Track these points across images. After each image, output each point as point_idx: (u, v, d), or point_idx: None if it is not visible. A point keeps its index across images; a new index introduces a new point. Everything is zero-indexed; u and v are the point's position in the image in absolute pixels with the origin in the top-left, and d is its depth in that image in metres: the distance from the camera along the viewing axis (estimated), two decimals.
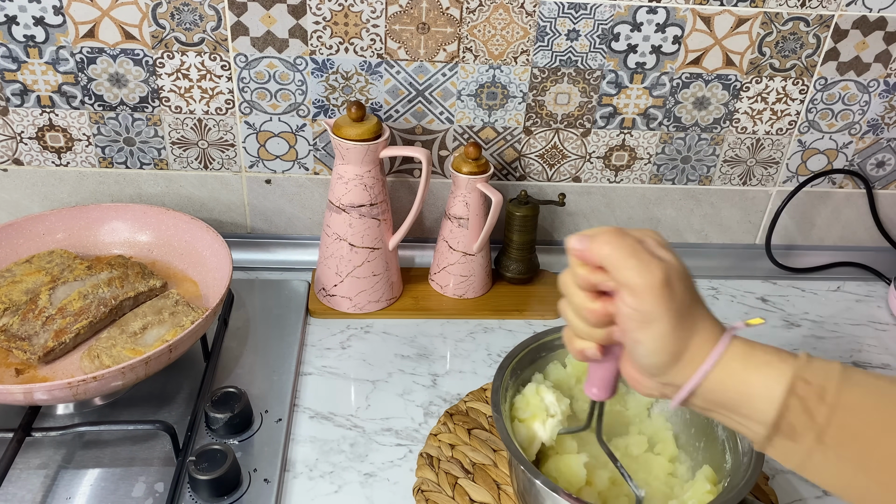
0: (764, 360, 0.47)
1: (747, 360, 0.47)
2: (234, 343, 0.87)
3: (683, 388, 0.49)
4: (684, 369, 0.48)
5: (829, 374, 0.46)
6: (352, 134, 0.85)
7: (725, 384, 0.48)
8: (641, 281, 0.46)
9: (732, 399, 0.48)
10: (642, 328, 0.47)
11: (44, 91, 0.91)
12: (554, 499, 0.60)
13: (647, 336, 0.48)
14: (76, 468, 0.71)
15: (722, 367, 0.48)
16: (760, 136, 1.01)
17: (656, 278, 0.46)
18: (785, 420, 0.46)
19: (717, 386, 0.48)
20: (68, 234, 0.91)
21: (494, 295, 1.00)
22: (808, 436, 0.45)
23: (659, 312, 0.47)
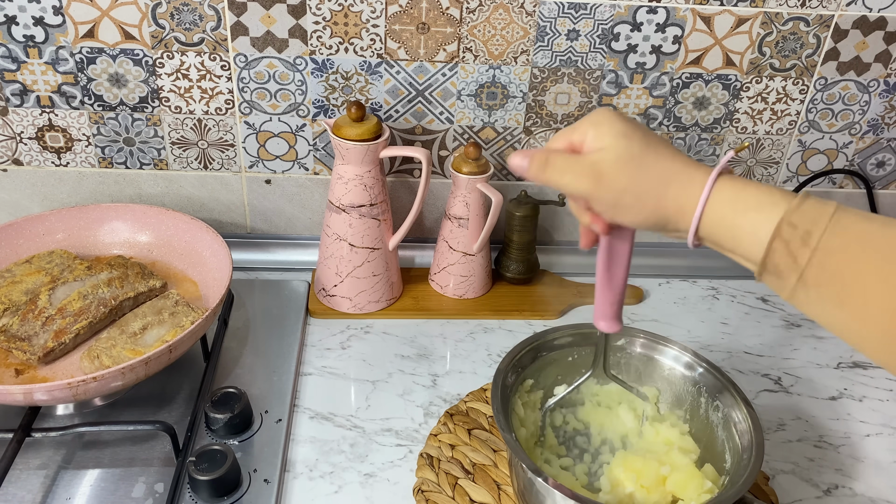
0: (753, 204, 0.49)
1: (735, 203, 0.49)
2: (234, 343, 0.87)
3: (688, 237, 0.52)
4: (681, 219, 0.51)
5: (819, 218, 0.47)
6: (352, 134, 0.85)
7: (718, 227, 0.50)
8: (580, 187, 0.51)
9: (727, 240, 0.50)
10: (615, 214, 0.52)
11: (43, 91, 0.91)
12: (554, 497, 0.60)
13: (622, 217, 0.52)
14: (76, 469, 0.71)
15: (711, 210, 0.50)
16: (761, 136, 1.01)
17: (589, 178, 0.51)
18: (770, 261, 0.48)
19: (712, 229, 0.50)
20: (68, 234, 0.91)
21: (494, 295, 1.00)
22: (791, 275, 0.48)
23: (615, 198, 0.51)
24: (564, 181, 0.52)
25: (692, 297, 1.02)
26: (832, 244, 0.46)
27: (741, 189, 0.50)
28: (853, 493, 0.76)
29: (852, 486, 0.76)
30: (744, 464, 0.63)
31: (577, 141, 0.54)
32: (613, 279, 0.60)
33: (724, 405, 0.69)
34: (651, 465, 0.66)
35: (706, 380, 0.71)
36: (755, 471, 0.61)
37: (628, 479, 0.65)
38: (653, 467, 0.66)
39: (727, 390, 0.69)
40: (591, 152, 0.52)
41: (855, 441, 0.81)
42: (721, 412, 0.69)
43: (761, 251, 0.48)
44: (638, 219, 0.52)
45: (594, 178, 0.51)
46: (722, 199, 0.50)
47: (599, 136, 0.52)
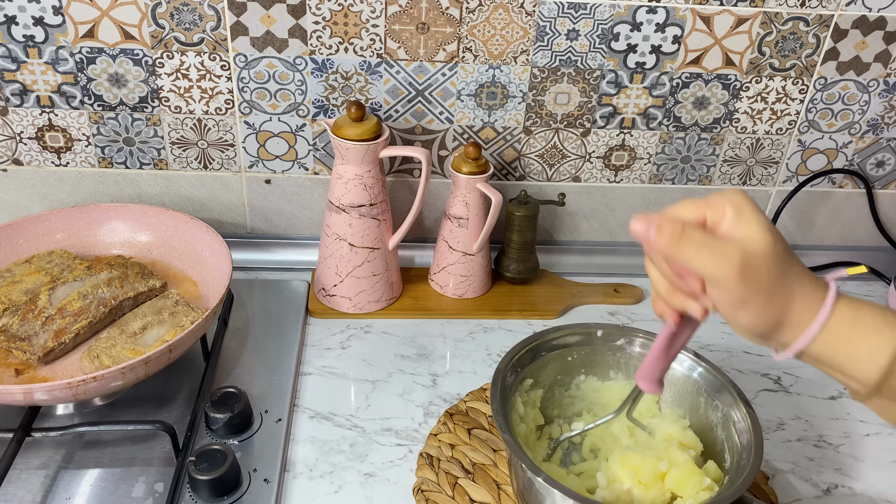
0: (871, 324, 0.48)
1: (854, 322, 0.48)
2: (233, 343, 0.87)
3: (790, 350, 0.49)
4: (790, 332, 0.49)
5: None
6: (351, 134, 0.85)
7: (831, 346, 0.48)
8: (719, 274, 0.46)
9: (837, 360, 0.48)
10: (735, 310, 0.48)
11: (43, 91, 0.91)
12: (554, 497, 0.60)
13: (742, 316, 0.48)
14: (76, 468, 0.71)
15: (828, 330, 0.48)
16: (760, 135, 1.01)
17: (734, 269, 0.46)
18: (887, 385, 0.47)
19: (823, 348, 0.48)
20: (68, 234, 0.91)
21: (494, 295, 1.00)
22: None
23: (748, 295, 0.47)
24: (702, 261, 0.47)
25: None
26: None
27: (858, 309, 0.48)
28: (853, 492, 0.76)
29: (852, 486, 0.76)
30: (743, 463, 0.63)
31: (711, 219, 0.49)
32: (671, 352, 0.59)
33: (723, 405, 0.69)
34: (649, 461, 0.66)
35: (706, 379, 0.71)
36: (754, 471, 0.61)
37: (626, 476, 0.65)
38: (651, 463, 0.66)
39: (726, 390, 0.69)
40: (736, 239, 0.47)
41: (855, 441, 0.81)
42: (720, 412, 0.69)
43: (877, 373, 0.47)
44: (754, 321, 0.48)
45: (738, 267, 0.46)
46: (840, 317, 0.48)
47: (743, 223, 0.48)
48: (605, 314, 0.99)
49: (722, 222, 0.48)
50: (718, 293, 0.48)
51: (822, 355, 0.49)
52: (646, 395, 0.74)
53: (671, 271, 0.51)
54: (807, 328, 0.48)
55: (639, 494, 0.65)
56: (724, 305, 0.48)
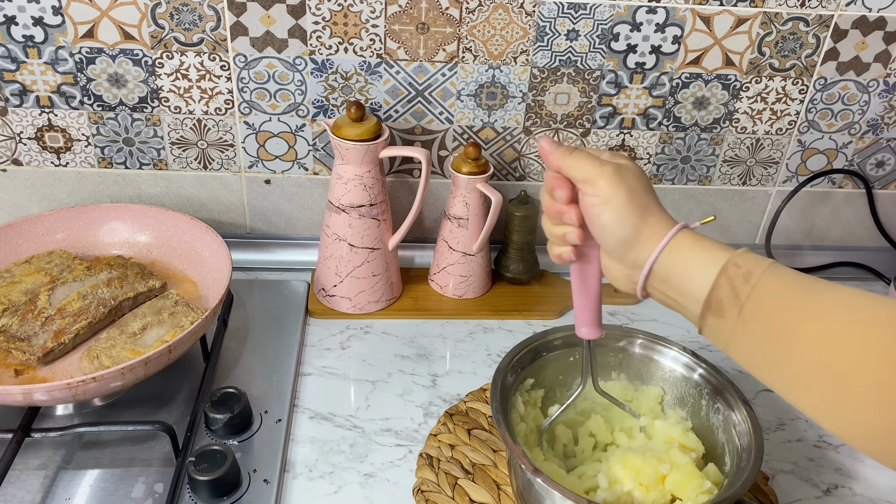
0: (708, 246, 0.54)
1: (695, 243, 0.55)
2: (233, 343, 0.87)
3: (646, 262, 0.56)
4: (645, 245, 0.56)
5: (759, 262, 0.52)
6: (351, 134, 0.85)
7: (674, 262, 0.55)
8: (595, 172, 0.56)
9: (678, 276, 0.54)
10: (602, 209, 0.56)
11: (43, 91, 0.91)
12: (553, 497, 0.60)
13: (606, 214, 0.56)
14: (75, 469, 0.71)
15: (674, 247, 0.55)
16: (760, 135, 1.01)
17: (607, 169, 0.56)
18: (714, 296, 0.52)
19: (668, 262, 0.55)
20: (67, 234, 0.91)
21: (494, 295, 1.00)
22: (732, 311, 0.51)
23: (613, 192, 0.55)
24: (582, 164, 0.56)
25: None
26: (769, 283, 0.51)
27: (700, 238, 0.55)
28: (853, 493, 0.76)
29: (852, 486, 0.76)
30: (743, 465, 0.63)
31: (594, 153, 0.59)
32: (588, 284, 0.63)
33: (723, 406, 0.68)
34: (650, 462, 0.66)
35: (706, 380, 0.71)
36: (754, 473, 0.61)
37: (627, 477, 0.65)
38: (652, 465, 0.66)
39: (727, 391, 0.69)
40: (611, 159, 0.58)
41: None
42: (721, 414, 0.69)
43: (707, 286, 0.52)
44: (616, 220, 0.56)
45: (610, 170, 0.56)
46: (683, 241, 0.55)
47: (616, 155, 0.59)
48: (604, 314, 0.98)
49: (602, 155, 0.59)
50: (590, 191, 0.56)
51: (666, 271, 0.55)
52: (647, 393, 0.74)
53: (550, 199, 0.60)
54: (655, 242, 0.55)
55: (639, 496, 0.65)
56: (594, 203, 0.56)
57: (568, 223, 0.59)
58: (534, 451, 0.71)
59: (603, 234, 0.57)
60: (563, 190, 0.58)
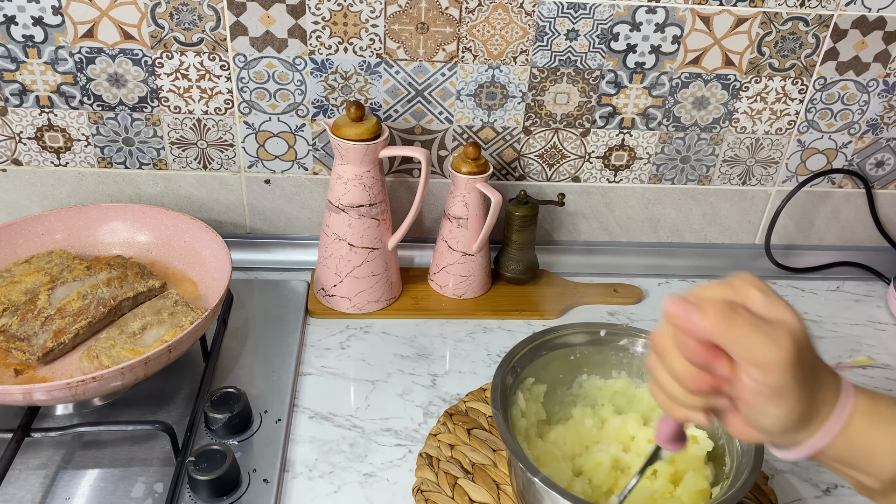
0: (888, 416, 0.46)
1: (871, 416, 0.46)
2: (233, 343, 0.87)
3: (806, 447, 0.47)
4: (807, 429, 0.46)
5: None
6: (351, 134, 0.85)
7: (849, 442, 0.46)
8: (772, 358, 0.43)
9: (853, 456, 0.46)
10: (770, 402, 0.44)
11: (43, 91, 0.91)
12: (553, 497, 0.60)
13: (775, 409, 0.45)
14: (75, 469, 0.71)
15: (847, 425, 0.46)
16: (760, 135, 1.01)
17: (788, 353, 0.43)
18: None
19: (841, 444, 0.46)
20: (67, 234, 0.91)
21: (494, 295, 1.00)
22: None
23: (790, 386, 0.44)
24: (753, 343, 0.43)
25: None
26: None
27: (875, 402, 0.46)
28: (853, 492, 0.75)
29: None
30: (742, 466, 0.63)
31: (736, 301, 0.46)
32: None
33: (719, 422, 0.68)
34: None
35: None
36: (754, 474, 0.61)
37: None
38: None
39: None
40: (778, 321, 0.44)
41: None
42: None
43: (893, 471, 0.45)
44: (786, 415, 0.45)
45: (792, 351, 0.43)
46: (859, 412, 0.46)
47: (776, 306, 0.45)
48: (604, 314, 0.99)
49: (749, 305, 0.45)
50: (761, 379, 0.44)
51: (837, 452, 0.46)
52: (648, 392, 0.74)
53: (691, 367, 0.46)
54: (823, 425, 0.46)
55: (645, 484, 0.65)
56: (760, 395, 0.44)
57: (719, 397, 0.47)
58: (536, 446, 0.71)
59: (761, 421, 0.46)
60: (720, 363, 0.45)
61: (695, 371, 0.46)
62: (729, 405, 0.48)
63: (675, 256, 1.08)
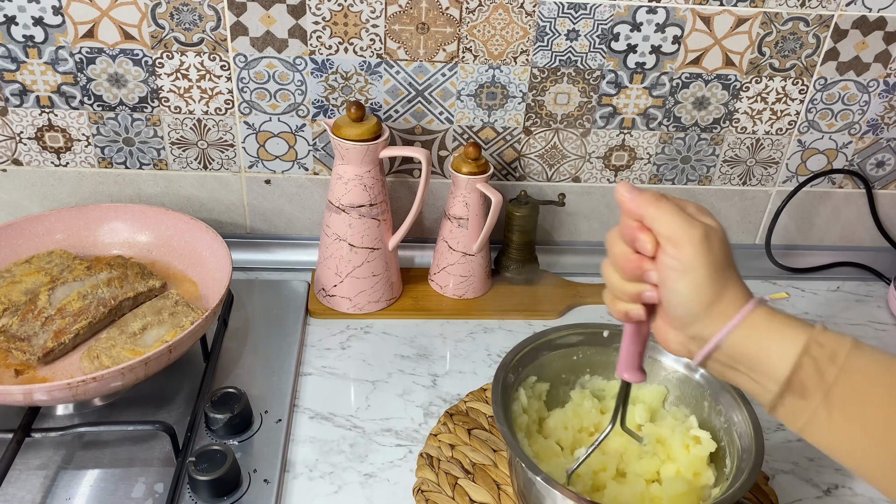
0: (785, 323, 0.51)
1: (770, 321, 0.51)
2: (233, 343, 0.87)
3: (712, 339, 0.51)
4: (713, 321, 0.51)
5: (842, 342, 0.49)
6: (351, 134, 0.85)
7: (747, 340, 0.51)
8: (683, 234, 0.50)
9: (752, 355, 0.51)
10: (681, 277, 0.51)
11: (43, 91, 0.91)
12: (554, 496, 0.60)
13: (684, 284, 0.51)
14: (76, 469, 0.71)
15: (747, 323, 0.51)
16: (760, 135, 1.01)
17: (697, 232, 0.50)
18: (797, 377, 0.49)
19: (740, 341, 0.51)
20: (68, 234, 0.91)
21: (494, 295, 1.00)
22: (816, 394, 0.48)
23: (696, 262, 0.50)
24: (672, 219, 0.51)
25: None
26: (857, 364, 0.48)
27: (774, 314, 0.51)
28: (853, 493, 0.76)
29: (852, 486, 0.76)
30: (743, 466, 0.62)
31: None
32: (642, 333, 0.59)
33: (725, 407, 0.68)
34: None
35: (707, 380, 0.71)
36: (754, 474, 0.61)
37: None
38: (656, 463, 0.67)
39: (727, 391, 0.69)
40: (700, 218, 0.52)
41: None
42: (723, 416, 0.68)
43: (788, 366, 0.49)
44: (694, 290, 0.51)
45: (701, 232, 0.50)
46: (757, 317, 0.51)
47: (705, 215, 0.53)
48: (604, 314, 0.99)
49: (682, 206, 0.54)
50: (674, 253, 0.51)
51: (737, 349, 0.51)
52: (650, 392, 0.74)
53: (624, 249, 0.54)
54: (728, 319, 0.51)
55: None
56: (674, 268, 0.51)
57: (647, 282, 0.53)
58: (537, 443, 0.71)
59: (671, 301, 0.52)
60: (649, 241, 0.52)
61: (627, 253, 0.54)
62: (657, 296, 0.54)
63: None
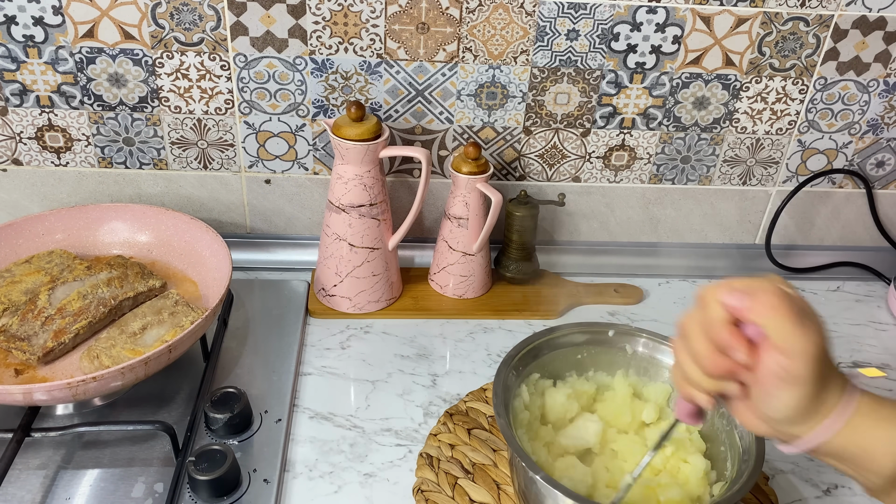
0: (886, 419, 0.48)
1: (873, 416, 0.48)
2: (233, 343, 0.87)
3: (807, 440, 0.49)
4: (810, 423, 0.49)
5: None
6: (351, 134, 0.85)
7: (849, 441, 0.48)
8: (798, 347, 0.46)
9: (854, 455, 0.48)
10: (784, 387, 0.47)
11: (43, 91, 0.91)
12: (555, 496, 0.59)
13: (787, 395, 0.48)
14: (75, 468, 0.71)
15: (849, 423, 0.48)
16: (760, 135, 1.01)
17: (817, 347, 0.47)
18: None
19: (841, 441, 0.48)
20: (68, 234, 0.91)
21: (494, 295, 1.00)
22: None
23: (808, 377, 0.47)
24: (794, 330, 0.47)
25: (692, 296, 1.02)
26: None
27: (879, 402, 0.49)
28: (853, 493, 0.76)
29: (852, 487, 0.76)
30: (743, 468, 0.62)
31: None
32: None
33: (724, 407, 0.68)
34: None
35: None
36: (754, 475, 0.61)
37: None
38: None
39: None
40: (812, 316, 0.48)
41: None
42: (725, 418, 0.68)
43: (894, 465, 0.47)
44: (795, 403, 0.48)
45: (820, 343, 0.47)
46: (861, 410, 0.48)
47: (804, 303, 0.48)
48: (605, 314, 0.99)
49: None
50: (786, 366, 0.47)
51: (837, 448, 0.48)
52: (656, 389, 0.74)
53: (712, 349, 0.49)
54: (826, 419, 0.48)
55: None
56: (778, 380, 0.47)
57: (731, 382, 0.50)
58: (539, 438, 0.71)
59: (770, 406, 0.49)
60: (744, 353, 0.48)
61: (715, 353, 0.49)
62: (739, 393, 0.50)
63: (675, 256, 1.08)
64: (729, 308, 0.48)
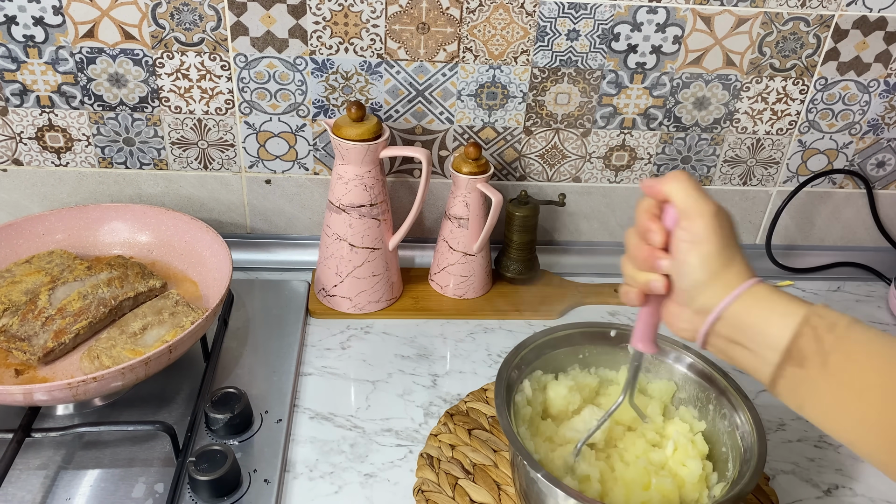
0: (786, 297, 0.54)
1: (772, 294, 0.54)
2: (234, 343, 0.87)
3: (716, 307, 0.55)
4: (718, 292, 0.55)
5: (841, 316, 0.52)
6: (352, 134, 0.85)
7: (749, 309, 0.54)
8: (696, 207, 0.55)
9: (753, 324, 0.54)
10: (691, 248, 0.55)
11: (43, 91, 0.91)
12: (556, 495, 0.59)
13: (694, 255, 0.55)
14: (76, 469, 0.71)
15: (749, 293, 0.54)
16: (760, 136, 1.01)
17: (710, 207, 0.55)
18: (796, 345, 0.51)
19: (742, 310, 0.54)
20: (68, 234, 0.91)
21: (494, 295, 1.00)
22: (815, 361, 0.50)
23: (706, 235, 0.55)
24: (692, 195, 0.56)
25: None
26: (855, 335, 0.50)
27: (776, 289, 0.55)
28: (853, 493, 0.76)
29: (853, 487, 0.76)
30: (744, 469, 0.62)
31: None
32: (656, 312, 0.62)
33: (728, 409, 0.68)
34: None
35: (711, 381, 0.71)
36: (755, 476, 0.61)
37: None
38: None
39: (730, 391, 0.69)
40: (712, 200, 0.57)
41: None
42: (727, 420, 0.68)
43: (788, 334, 0.52)
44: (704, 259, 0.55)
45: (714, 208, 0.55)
46: (759, 290, 0.55)
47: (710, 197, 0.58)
48: (605, 314, 0.99)
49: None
50: (686, 225, 0.55)
51: (739, 319, 0.54)
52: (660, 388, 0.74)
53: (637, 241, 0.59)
54: (731, 290, 0.55)
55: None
56: (686, 240, 0.55)
57: (657, 271, 0.58)
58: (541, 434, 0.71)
59: (681, 272, 0.56)
60: (658, 233, 0.57)
61: (640, 243, 0.59)
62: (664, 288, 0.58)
63: None
64: (644, 188, 0.58)
